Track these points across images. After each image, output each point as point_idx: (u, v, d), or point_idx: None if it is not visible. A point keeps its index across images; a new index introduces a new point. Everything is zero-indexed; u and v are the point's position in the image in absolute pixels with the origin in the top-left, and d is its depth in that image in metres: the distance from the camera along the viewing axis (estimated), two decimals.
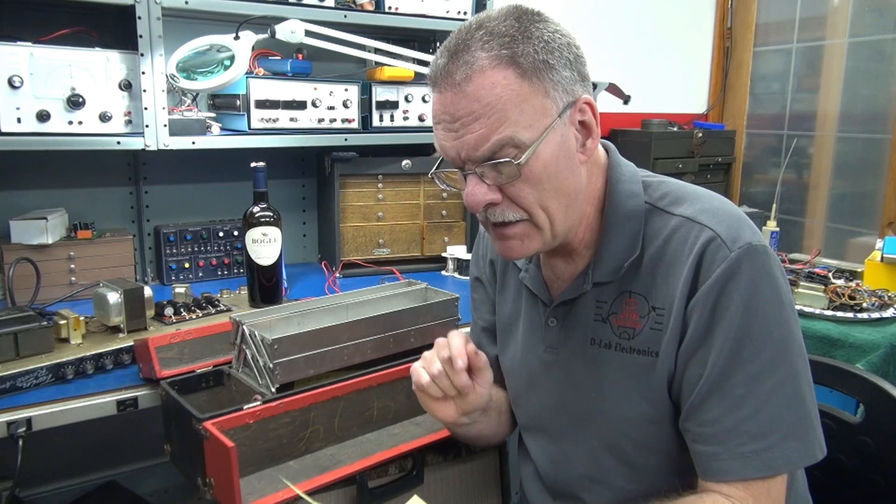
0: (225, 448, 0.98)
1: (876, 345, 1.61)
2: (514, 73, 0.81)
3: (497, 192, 0.86)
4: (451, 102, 0.83)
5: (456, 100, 0.83)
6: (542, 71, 0.82)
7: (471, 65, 0.81)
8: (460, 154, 0.85)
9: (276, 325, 1.27)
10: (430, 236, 2.13)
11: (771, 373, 0.82)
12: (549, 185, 0.85)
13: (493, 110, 0.81)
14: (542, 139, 0.83)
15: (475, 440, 1.14)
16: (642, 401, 0.90)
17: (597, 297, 0.94)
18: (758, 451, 0.81)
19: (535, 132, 0.83)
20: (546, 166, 0.84)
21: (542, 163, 0.84)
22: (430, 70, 0.87)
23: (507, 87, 0.81)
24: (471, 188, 0.86)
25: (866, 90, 2.77)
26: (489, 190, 0.85)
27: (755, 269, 0.83)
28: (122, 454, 1.99)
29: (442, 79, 0.84)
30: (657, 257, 0.90)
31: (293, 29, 1.69)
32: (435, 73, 0.86)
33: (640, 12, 2.97)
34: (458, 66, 0.82)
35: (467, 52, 0.82)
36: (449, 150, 0.86)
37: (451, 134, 0.84)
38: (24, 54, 1.45)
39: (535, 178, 0.84)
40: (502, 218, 0.87)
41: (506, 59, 0.81)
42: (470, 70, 0.81)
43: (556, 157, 0.85)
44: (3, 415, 1.13)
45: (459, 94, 0.82)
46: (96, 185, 1.90)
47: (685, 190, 0.94)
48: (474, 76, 0.81)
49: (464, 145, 0.84)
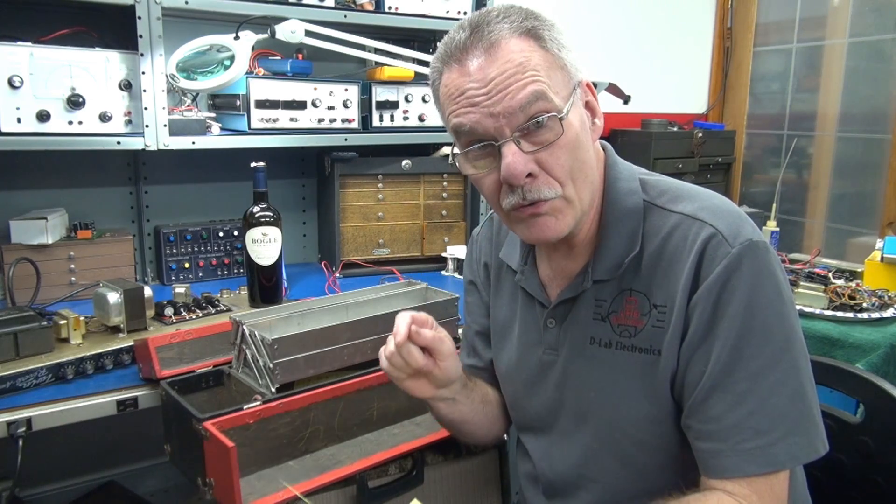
0: (225, 448, 0.98)
1: (876, 345, 1.61)
2: (537, 44, 0.84)
3: (534, 163, 0.85)
4: (480, 69, 0.83)
5: (485, 65, 0.83)
6: (558, 47, 0.86)
7: (496, 33, 0.83)
8: (495, 119, 0.83)
9: (276, 325, 1.27)
10: (430, 236, 2.13)
11: (773, 369, 0.82)
12: (579, 153, 0.86)
13: (525, 69, 0.82)
14: (571, 104, 0.85)
15: (462, 426, 1.10)
16: (644, 399, 0.90)
17: (596, 296, 0.94)
18: (761, 447, 0.81)
19: (564, 100, 0.85)
20: (577, 134, 0.86)
21: (574, 130, 0.85)
22: (444, 50, 0.87)
23: (534, 52, 0.84)
24: (511, 157, 0.84)
25: (866, 90, 2.77)
26: (528, 159, 0.84)
27: (756, 265, 0.83)
28: (122, 454, 1.99)
29: (463, 51, 0.84)
30: (657, 255, 0.89)
31: (293, 29, 1.69)
32: (454, 48, 0.85)
33: (640, 12, 2.97)
34: (482, 36, 0.84)
35: (488, 25, 0.84)
36: (480, 119, 0.84)
37: (481, 99, 0.83)
38: (24, 54, 1.45)
39: (570, 143, 0.85)
40: (539, 195, 0.85)
41: (528, 31, 0.84)
42: (496, 37, 0.83)
43: (581, 128, 0.87)
44: (3, 415, 1.13)
45: (489, 59, 0.83)
46: (96, 185, 1.90)
47: (683, 188, 0.94)
48: (502, 42, 0.83)
49: (499, 105, 0.83)
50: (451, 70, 0.86)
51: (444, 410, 1.05)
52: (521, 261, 1.04)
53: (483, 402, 1.11)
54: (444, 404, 1.04)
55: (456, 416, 1.07)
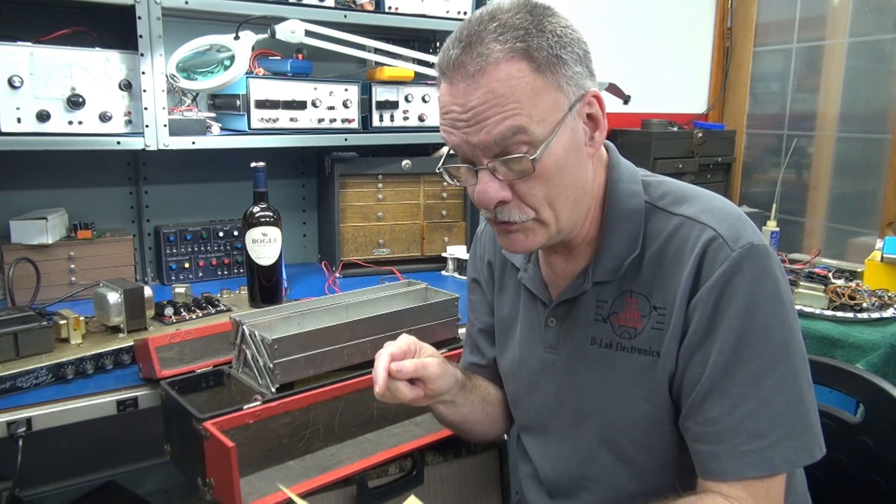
0: (225, 448, 0.98)
1: (876, 345, 1.61)
2: (529, 67, 0.81)
3: (508, 190, 0.85)
4: (464, 94, 0.82)
5: (469, 91, 0.81)
6: (555, 65, 0.82)
7: (485, 57, 0.80)
8: (472, 147, 0.84)
9: (276, 325, 1.27)
10: (430, 236, 2.13)
11: (771, 372, 0.82)
12: (559, 180, 0.85)
13: (507, 101, 0.80)
14: (555, 134, 0.83)
15: (462, 425, 1.12)
16: (643, 400, 0.90)
17: (597, 297, 0.94)
18: (757, 451, 0.81)
19: (548, 127, 0.82)
20: (557, 161, 0.84)
21: (554, 159, 0.83)
22: (440, 60, 0.86)
23: (521, 79, 0.80)
24: (482, 185, 0.85)
25: (866, 90, 2.77)
26: (501, 187, 0.85)
27: (757, 268, 0.83)
28: (122, 454, 1.99)
29: (454, 70, 0.83)
30: (658, 256, 0.89)
31: (293, 29, 1.69)
32: (446, 64, 0.84)
33: (640, 12, 2.97)
34: (471, 58, 0.81)
35: (481, 43, 0.81)
36: (459, 143, 0.85)
37: (461, 124, 0.83)
38: (24, 54, 1.45)
39: (548, 174, 0.84)
40: (509, 218, 0.87)
41: (520, 52, 0.81)
42: (484, 62, 0.80)
43: (567, 152, 0.85)
44: (3, 415, 1.13)
45: (473, 86, 0.81)
46: (96, 185, 1.90)
47: (685, 190, 0.94)
48: (488, 68, 0.80)
49: (475, 136, 0.82)
50: (444, 82, 0.86)
51: (444, 412, 1.07)
52: (525, 258, 1.04)
53: (483, 402, 1.12)
54: (443, 406, 1.06)
55: (456, 417, 1.09)
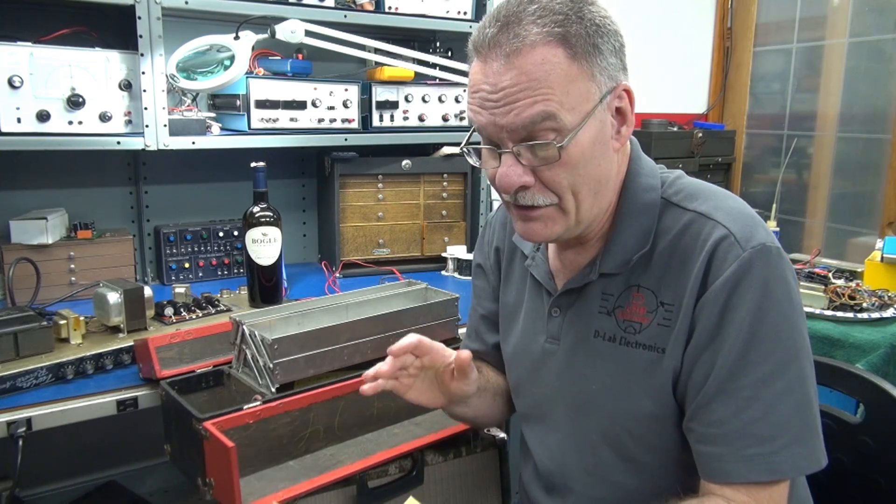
0: (225, 448, 0.98)
1: (876, 345, 1.61)
2: (565, 53, 0.80)
3: (531, 175, 0.84)
4: (496, 73, 0.81)
5: (502, 71, 0.81)
6: (591, 54, 0.82)
7: (522, 38, 0.80)
8: (499, 129, 0.83)
9: (276, 325, 1.27)
10: (430, 236, 2.13)
11: (780, 376, 0.81)
12: (583, 170, 0.84)
13: (539, 86, 0.80)
14: (584, 124, 0.82)
15: (474, 420, 1.16)
16: (644, 396, 0.89)
17: (603, 290, 0.94)
18: (764, 455, 0.80)
19: (578, 116, 0.82)
20: (584, 151, 0.83)
21: (580, 148, 0.83)
22: (474, 38, 0.85)
23: (556, 65, 0.80)
24: (505, 168, 0.84)
25: (866, 90, 2.77)
26: (524, 172, 0.84)
27: (767, 270, 0.82)
28: (122, 454, 1.99)
29: (488, 48, 0.82)
30: (668, 252, 0.89)
31: (293, 29, 1.69)
32: (481, 41, 0.83)
33: (640, 12, 2.97)
34: (508, 38, 0.80)
35: (519, 24, 0.80)
36: (486, 124, 0.84)
37: (490, 104, 0.82)
38: (24, 54, 1.45)
39: (573, 162, 0.83)
40: (532, 202, 0.86)
41: (558, 38, 0.80)
42: (520, 43, 0.80)
43: (594, 143, 0.84)
44: (3, 415, 1.13)
45: (506, 66, 0.80)
46: (96, 185, 1.90)
47: (700, 187, 0.93)
48: (524, 50, 0.80)
49: (504, 117, 0.82)
50: (477, 60, 0.85)
51: (458, 410, 1.09)
52: (534, 246, 1.04)
53: (494, 395, 1.14)
54: (458, 408, 1.08)
55: (469, 414, 1.11)
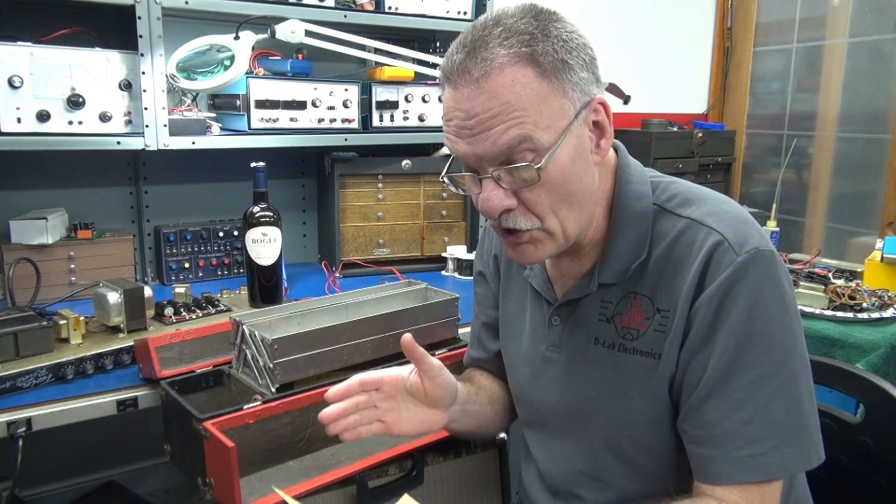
0: (225, 448, 0.98)
1: (876, 345, 1.61)
2: (534, 72, 0.79)
3: (513, 198, 0.84)
4: (468, 99, 0.80)
5: (473, 96, 0.80)
6: (560, 71, 0.81)
7: (490, 62, 0.79)
8: (476, 155, 0.83)
9: (276, 325, 1.27)
10: (430, 236, 2.13)
11: (771, 378, 0.82)
12: (564, 188, 0.84)
13: (511, 108, 0.79)
14: (560, 142, 0.81)
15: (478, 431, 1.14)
16: (643, 402, 0.90)
17: (602, 298, 0.94)
18: (753, 456, 0.81)
19: (554, 134, 0.81)
20: (563, 170, 0.83)
21: (559, 167, 0.82)
22: (443, 65, 0.85)
23: (526, 85, 0.79)
24: (487, 194, 0.84)
25: (866, 90, 2.77)
26: (506, 195, 0.84)
27: (761, 274, 0.82)
28: (122, 454, 1.99)
29: (458, 75, 0.81)
30: (664, 259, 0.89)
31: (293, 29, 1.69)
32: (450, 69, 0.83)
33: (640, 12, 2.97)
34: (475, 63, 0.80)
35: (486, 48, 0.80)
36: (464, 151, 0.84)
37: (465, 132, 0.82)
38: (24, 54, 1.45)
39: (553, 182, 0.83)
40: (514, 225, 0.86)
41: (525, 57, 0.79)
42: (489, 67, 0.79)
43: (573, 160, 0.83)
44: (3, 415, 1.13)
45: (477, 91, 0.80)
46: (96, 185, 1.90)
47: (694, 192, 0.93)
48: (493, 73, 0.79)
49: (480, 145, 0.81)
50: (448, 88, 0.84)
51: (460, 423, 1.08)
52: None
53: (491, 402, 1.13)
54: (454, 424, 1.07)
55: (471, 425, 1.10)
